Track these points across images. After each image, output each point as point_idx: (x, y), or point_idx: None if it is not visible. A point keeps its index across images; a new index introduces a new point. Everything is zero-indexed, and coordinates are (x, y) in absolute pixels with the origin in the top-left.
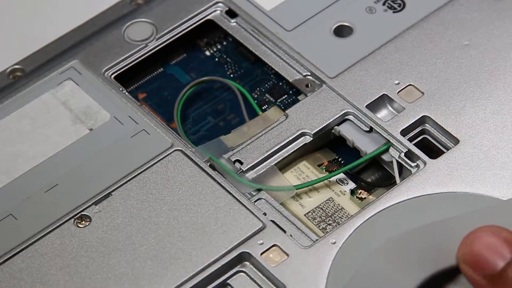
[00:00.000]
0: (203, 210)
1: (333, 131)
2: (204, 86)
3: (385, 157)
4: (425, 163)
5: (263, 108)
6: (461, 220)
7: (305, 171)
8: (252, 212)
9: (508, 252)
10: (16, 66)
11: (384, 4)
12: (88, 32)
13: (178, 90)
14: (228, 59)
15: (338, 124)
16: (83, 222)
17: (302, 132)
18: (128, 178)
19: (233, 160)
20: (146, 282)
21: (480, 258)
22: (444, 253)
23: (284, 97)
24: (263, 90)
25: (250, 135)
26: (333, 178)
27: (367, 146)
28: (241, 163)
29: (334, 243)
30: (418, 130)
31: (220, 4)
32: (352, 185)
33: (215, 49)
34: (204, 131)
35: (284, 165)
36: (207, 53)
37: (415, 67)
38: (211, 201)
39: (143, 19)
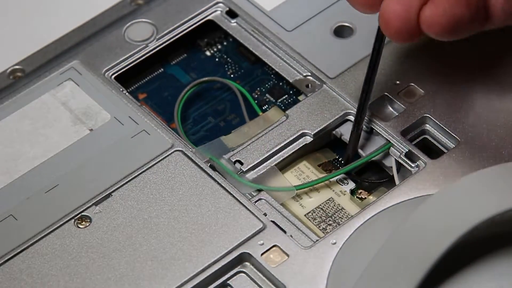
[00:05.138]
0: (204, 210)
1: (334, 132)
2: (204, 87)
3: (385, 157)
4: (425, 163)
5: (263, 108)
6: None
7: (305, 171)
8: (252, 213)
9: None
10: (17, 67)
11: None
12: (88, 32)
13: (179, 91)
14: (228, 59)
15: (339, 125)
16: (84, 222)
17: (302, 133)
18: (129, 179)
19: (233, 160)
20: (146, 282)
21: None
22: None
23: (284, 97)
24: (264, 90)
25: (250, 136)
26: (334, 178)
27: (367, 146)
28: (242, 163)
29: (335, 243)
30: (419, 131)
31: (220, 5)
32: (352, 185)
33: (215, 49)
34: (204, 132)
35: (284, 166)
36: (208, 53)
37: (415, 67)
38: (212, 202)
39: (143, 19)
